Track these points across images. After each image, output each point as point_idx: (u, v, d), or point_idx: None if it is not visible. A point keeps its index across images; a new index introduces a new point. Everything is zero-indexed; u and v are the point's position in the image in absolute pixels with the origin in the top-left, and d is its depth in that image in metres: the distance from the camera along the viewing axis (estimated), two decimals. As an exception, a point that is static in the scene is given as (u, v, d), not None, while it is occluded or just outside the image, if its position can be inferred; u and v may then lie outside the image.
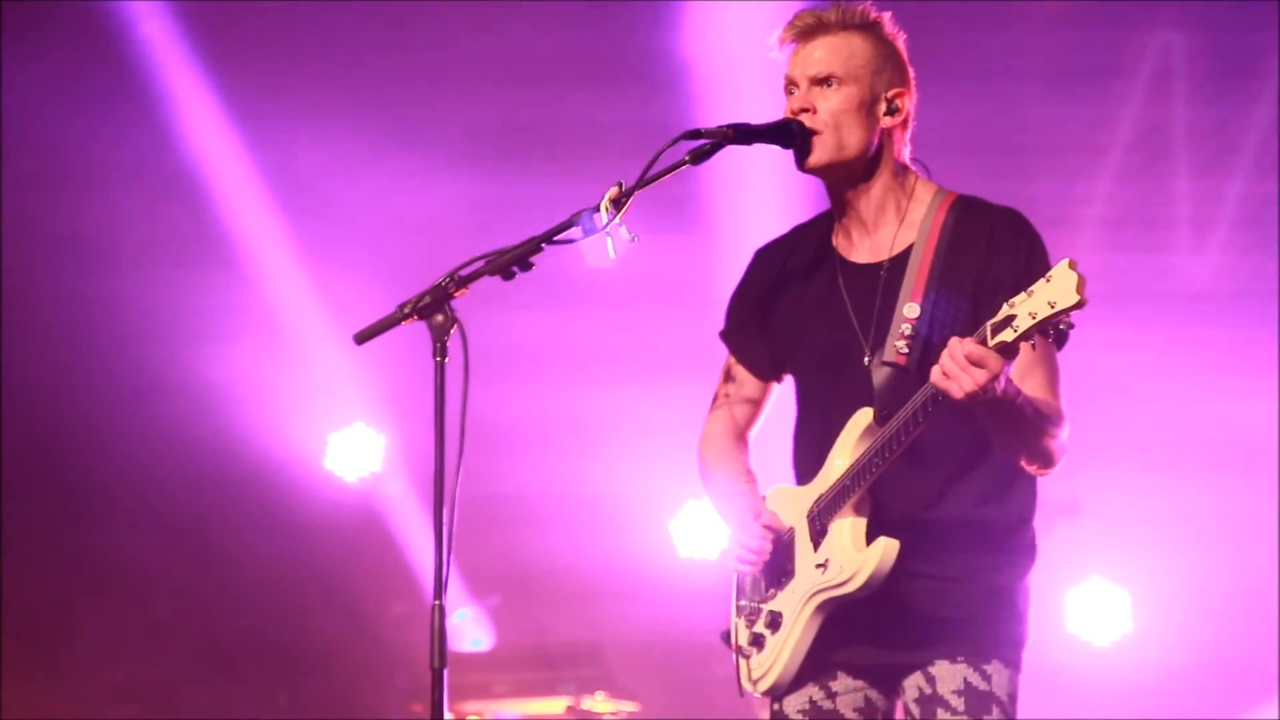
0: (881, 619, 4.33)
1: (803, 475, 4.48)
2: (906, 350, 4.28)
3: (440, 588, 4.04)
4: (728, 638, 4.56)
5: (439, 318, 4.15)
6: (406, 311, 4.18)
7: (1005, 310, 3.96)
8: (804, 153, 4.36)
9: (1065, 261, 3.89)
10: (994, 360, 3.99)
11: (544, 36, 9.07)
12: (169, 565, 9.50)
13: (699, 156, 4.26)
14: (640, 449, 9.09)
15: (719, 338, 4.72)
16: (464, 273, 4.18)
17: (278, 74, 9.08)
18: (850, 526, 4.30)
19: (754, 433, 4.71)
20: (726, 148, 4.30)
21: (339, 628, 9.69)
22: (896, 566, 4.24)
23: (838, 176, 4.43)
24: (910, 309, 4.31)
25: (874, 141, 4.40)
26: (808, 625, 4.36)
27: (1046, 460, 4.27)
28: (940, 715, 4.31)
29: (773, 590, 4.44)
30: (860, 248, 4.48)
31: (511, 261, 4.21)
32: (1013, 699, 4.36)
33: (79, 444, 9.40)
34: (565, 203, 4.29)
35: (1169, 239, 9.26)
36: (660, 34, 8.94)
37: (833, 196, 4.50)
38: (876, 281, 4.42)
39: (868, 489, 4.28)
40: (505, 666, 9.09)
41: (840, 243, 4.51)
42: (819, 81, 4.37)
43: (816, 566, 4.33)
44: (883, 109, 4.40)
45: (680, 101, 8.78)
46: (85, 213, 9.19)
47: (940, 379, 4.03)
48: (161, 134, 9.11)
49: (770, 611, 4.43)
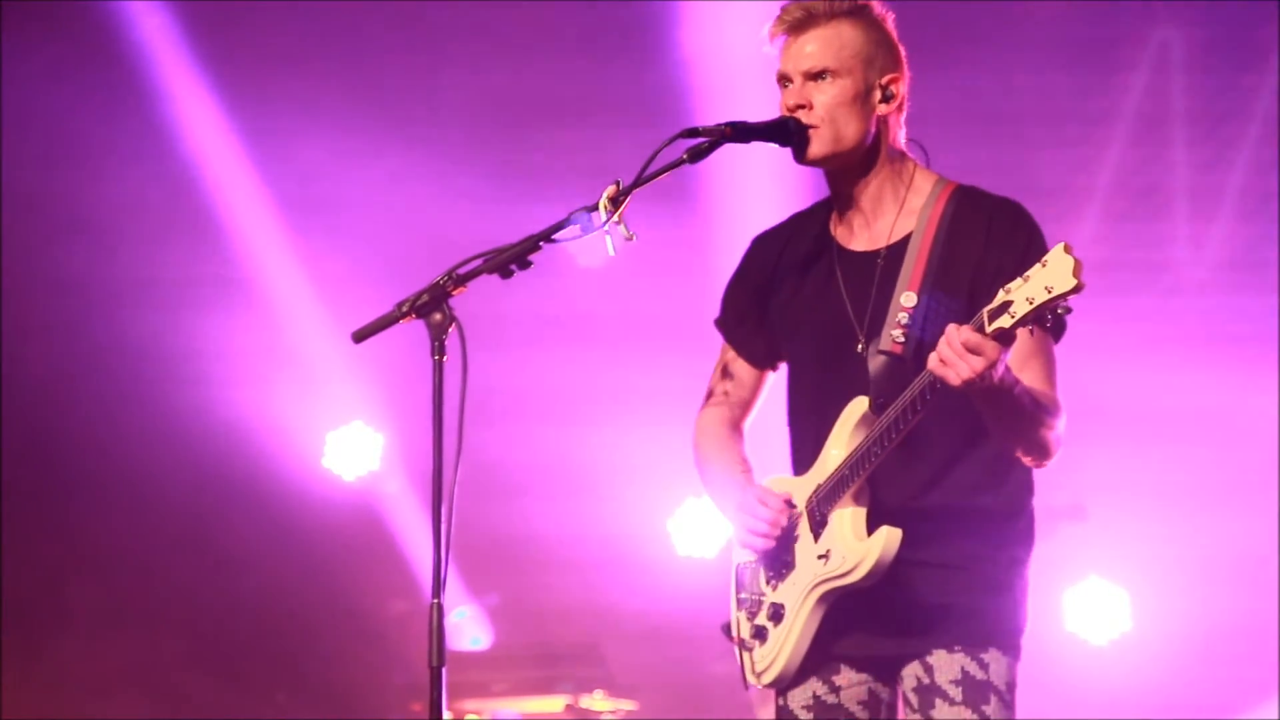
0: (879, 608, 4.33)
1: (800, 465, 4.47)
2: (903, 339, 4.28)
3: (438, 586, 4.03)
4: (729, 631, 4.54)
5: (437, 316, 4.14)
6: (405, 310, 4.17)
7: (1002, 296, 3.95)
8: (802, 147, 4.37)
9: (1060, 245, 3.88)
10: (991, 347, 3.98)
11: (544, 36, 9.07)
12: (167, 564, 9.49)
13: (697, 155, 4.26)
14: (639, 448, 9.08)
15: (714, 325, 4.70)
16: (462, 271, 4.17)
17: (277, 71, 9.08)
18: (851, 516, 4.29)
19: (749, 422, 4.69)
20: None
21: (337, 626, 9.68)
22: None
23: (836, 167, 4.43)
24: (907, 298, 4.31)
25: (870, 131, 4.40)
26: (810, 616, 4.35)
27: (1043, 451, 4.26)
28: (938, 705, 4.31)
29: (773, 582, 4.43)
30: (859, 236, 4.48)
31: (510, 260, 4.20)
32: (1011, 688, 4.34)
33: (76, 442, 9.40)
34: (564, 201, 4.28)
35: (1169, 231, 9.27)
36: (662, 36, 8.94)
37: (831, 186, 4.50)
38: (873, 270, 4.41)
39: (866, 478, 4.27)
40: (504, 665, 9.08)
41: (839, 231, 4.51)
42: (812, 76, 4.37)
43: (818, 557, 4.32)
44: (877, 97, 4.40)
45: (681, 105, 8.78)
46: (83, 206, 9.18)
47: (937, 366, 4.03)
48: (161, 131, 9.10)
49: (772, 603, 4.42)
